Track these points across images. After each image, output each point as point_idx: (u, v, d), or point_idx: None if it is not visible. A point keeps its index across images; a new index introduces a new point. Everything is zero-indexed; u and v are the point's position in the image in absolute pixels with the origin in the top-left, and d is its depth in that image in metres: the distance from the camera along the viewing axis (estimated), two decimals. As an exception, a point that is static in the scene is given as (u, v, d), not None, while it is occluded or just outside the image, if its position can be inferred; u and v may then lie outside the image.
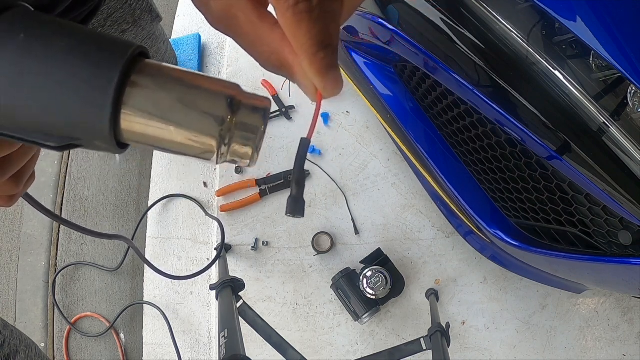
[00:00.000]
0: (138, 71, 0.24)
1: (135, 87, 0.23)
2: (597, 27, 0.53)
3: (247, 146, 0.25)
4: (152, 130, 0.24)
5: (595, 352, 1.07)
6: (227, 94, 0.25)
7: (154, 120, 0.24)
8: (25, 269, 1.37)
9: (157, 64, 0.25)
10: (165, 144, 0.25)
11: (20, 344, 0.73)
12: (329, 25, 0.25)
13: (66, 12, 0.43)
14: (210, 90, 0.25)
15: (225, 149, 0.25)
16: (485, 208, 0.85)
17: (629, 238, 0.59)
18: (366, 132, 1.21)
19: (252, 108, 0.25)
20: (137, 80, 0.24)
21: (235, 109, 0.24)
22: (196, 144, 0.25)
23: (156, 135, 0.24)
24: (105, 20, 0.79)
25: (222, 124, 0.24)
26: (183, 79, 0.24)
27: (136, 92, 0.23)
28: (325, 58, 0.25)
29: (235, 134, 0.25)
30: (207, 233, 1.24)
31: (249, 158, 0.26)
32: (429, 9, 0.68)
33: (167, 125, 0.24)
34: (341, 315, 1.13)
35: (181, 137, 0.24)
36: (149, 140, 0.25)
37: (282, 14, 0.24)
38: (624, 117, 0.55)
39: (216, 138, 0.24)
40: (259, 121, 0.25)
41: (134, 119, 0.24)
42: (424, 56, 0.70)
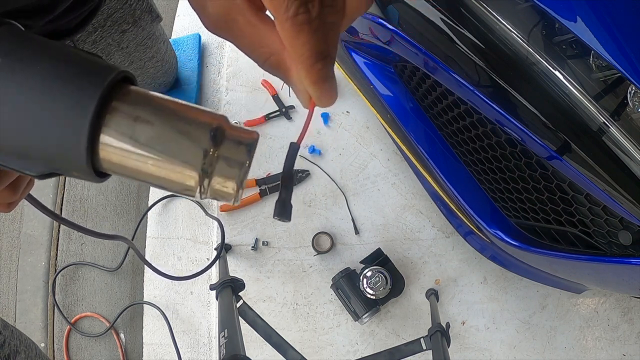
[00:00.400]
0: (119, 98, 0.23)
1: (115, 115, 0.22)
2: (597, 27, 0.53)
3: (230, 180, 0.24)
4: (132, 161, 0.23)
5: (595, 352, 1.07)
6: (211, 125, 0.23)
7: (134, 151, 0.23)
8: (25, 269, 1.37)
9: (141, 91, 0.24)
10: (146, 177, 0.24)
11: (20, 344, 0.73)
12: (327, 37, 0.25)
13: (66, 12, 0.43)
14: (195, 121, 0.23)
15: (207, 184, 0.24)
16: (485, 208, 0.85)
17: (629, 238, 0.59)
18: (366, 132, 1.21)
19: (237, 141, 0.24)
20: (117, 109, 0.22)
21: (219, 142, 0.23)
22: (177, 176, 0.23)
23: (136, 167, 0.23)
24: (105, 20, 0.79)
25: (205, 156, 0.23)
26: (166, 108, 0.23)
27: (115, 122, 0.22)
28: (323, 69, 0.25)
29: (217, 167, 0.23)
30: (207, 233, 1.24)
31: (232, 194, 0.24)
32: (429, 9, 0.68)
33: (147, 156, 0.23)
34: (341, 315, 1.13)
35: (161, 169, 0.23)
36: (128, 171, 0.23)
37: (281, 24, 0.24)
38: (624, 117, 0.55)
39: (197, 171, 0.23)
40: (244, 155, 0.24)
41: (112, 149, 0.23)
42: (424, 56, 0.70)
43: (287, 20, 0.23)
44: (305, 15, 0.23)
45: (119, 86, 0.23)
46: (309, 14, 0.23)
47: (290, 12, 0.23)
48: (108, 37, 0.82)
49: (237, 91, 1.29)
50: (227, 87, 1.30)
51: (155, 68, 1.07)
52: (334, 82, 0.26)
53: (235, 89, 1.29)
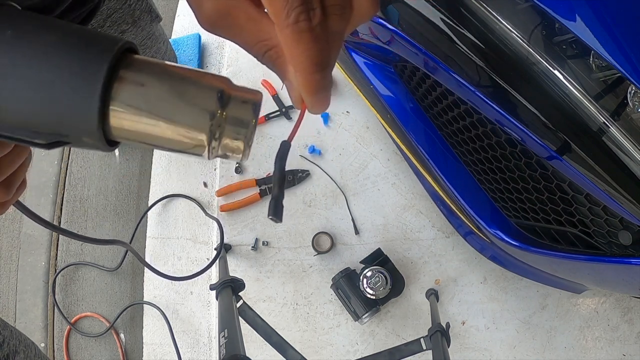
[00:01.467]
0: (126, 66, 0.23)
1: (123, 82, 0.23)
2: (597, 27, 0.53)
3: (238, 140, 0.25)
4: (141, 125, 0.24)
5: (595, 352, 1.07)
6: (216, 87, 0.24)
7: (143, 116, 0.23)
8: (25, 269, 1.37)
9: (146, 59, 0.24)
10: (155, 140, 0.24)
11: (19, 344, 0.73)
12: (329, 46, 0.24)
13: (65, 12, 0.43)
14: (200, 84, 0.24)
15: (216, 144, 0.24)
16: (485, 208, 0.85)
17: (629, 238, 0.59)
18: (366, 132, 1.21)
19: (243, 101, 0.25)
20: (125, 76, 0.23)
21: (225, 103, 0.24)
22: (186, 138, 0.24)
23: (145, 131, 0.24)
24: (105, 20, 0.79)
25: (212, 118, 0.24)
26: (172, 73, 0.24)
27: (124, 87, 0.23)
28: (321, 80, 0.24)
29: (226, 127, 0.24)
30: (207, 233, 1.24)
31: (241, 152, 0.25)
32: (429, 9, 0.68)
33: (156, 120, 0.23)
34: (341, 315, 1.13)
35: (171, 132, 0.24)
36: (139, 136, 0.24)
37: (281, 30, 0.23)
38: (624, 117, 0.55)
39: (206, 132, 0.24)
40: (250, 114, 0.25)
41: (122, 114, 0.23)
42: (424, 56, 0.70)
43: (287, 26, 0.23)
44: (306, 23, 0.22)
45: (125, 55, 0.24)
46: (309, 22, 0.23)
47: (291, 19, 0.22)
48: (108, 37, 0.82)
49: (237, 91, 1.29)
50: (227, 87, 1.30)
51: (155, 68, 1.06)
52: (330, 92, 0.26)
53: (235, 89, 1.29)
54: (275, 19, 0.23)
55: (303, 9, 0.22)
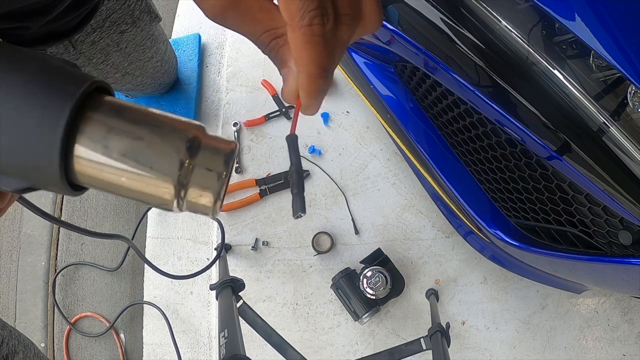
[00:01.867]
0: (93, 109, 0.22)
1: (89, 126, 0.22)
2: (597, 27, 0.53)
3: (206, 192, 0.23)
4: (107, 174, 0.22)
5: (595, 352, 1.07)
6: (187, 135, 0.23)
7: (108, 163, 0.22)
8: (25, 269, 1.37)
9: (115, 102, 0.23)
10: (122, 190, 0.23)
11: (18, 344, 0.73)
12: (334, 53, 0.24)
13: (65, 13, 0.43)
14: (170, 131, 0.23)
15: (183, 195, 0.23)
16: (485, 208, 0.85)
17: (629, 238, 0.59)
18: (366, 132, 1.21)
19: (214, 151, 0.23)
20: (91, 119, 0.22)
21: (195, 152, 0.23)
22: (153, 189, 0.23)
23: (111, 180, 0.23)
24: (104, 21, 0.79)
25: (180, 167, 0.22)
26: (141, 118, 0.23)
27: (89, 133, 0.22)
28: (323, 85, 0.25)
29: (193, 178, 0.23)
30: (207, 233, 1.24)
31: (210, 206, 0.24)
32: (429, 9, 0.68)
33: (122, 168, 0.22)
34: (341, 315, 1.13)
35: (137, 182, 0.23)
36: (104, 184, 0.23)
37: (293, 31, 0.23)
38: (624, 117, 0.55)
39: (174, 183, 0.22)
40: (221, 166, 0.23)
41: (86, 162, 0.22)
42: (424, 56, 0.70)
43: (300, 28, 0.23)
44: (319, 27, 0.23)
45: (93, 97, 0.23)
46: (323, 26, 0.23)
47: (305, 21, 0.23)
48: (107, 37, 0.82)
49: (237, 91, 1.29)
50: (227, 87, 1.30)
51: (155, 68, 1.07)
52: (324, 95, 0.26)
53: (235, 89, 1.29)
54: (289, 18, 0.23)
55: (318, 13, 0.23)
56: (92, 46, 0.80)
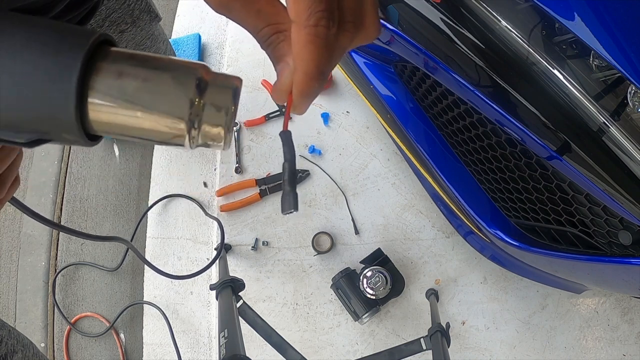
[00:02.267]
0: (102, 58, 0.23)
1: (100, 74, 0.23)
2: (597, 27, 0.53)
3: (217, 127, 0.24)
4: (120, 117, 0.23)
5: (595, 352, 1.07)
6: (194, 74, 0.24)
7: (121, 107, 0.23)
8: (25, 269, 1.37)
9: (122, 51, 0.24)
10: (135, 132, 0.24)
11: (17, 343, 0.73)
12: (333, 57, 0.25)
13: (64, 12, 0.43)
14: (177, 72, 0.24)
15: (195, 132, 0.24)
16: (485, 208, 0.85)
17: (629, 238, 0.59)
18: (366, 132, 1.21)
19: (221, 88, 0.24)
20: (101, 68, 0.23)
21: (203, 90, 0.24)
22: (166, 128, 0.24)
23: (125, 123, 0.24)
24: (104, 20, 0.79)
25: (191, 105, 0.23)
26: (148, 63, 0.24)
27: (101, 80, 0.23)
28: (317, 86, 0.26)
29: (205, 115, 0.24)
30: (207, 233, 1.24)
31: (222, 139, 0.25)
32: (429, 9, 0.68)
33: (134, 111, 0.23)
34: (341, 315, 1.13)
35: (150, 122, 0.24)
36: (118, 128, 0.24)
37: (298, 29, 0.24)
38: (624, 117, 0.55)
39: (185, 121, 0.24)
40: (229, 100, 0.24)
41: (100, 107, 0.23)
42: (424, 56, 0.70)
43: (305, 27, 0.24)
44: (324, 29, 0.24)
45: (101, 48, 0.24)
46: (327, 29, 0.24)
47: (311, 22, 0.23)
48: (107, 37, 0.82)
49: (237, 91, 1.29)
50: (227, 87, 1.30)
51: (155, 68, 1.06)
52: (314, 98, 0.27)
53: (235, 89, 1.29)
54: (296, 16, 0.24)
55: (324, 15, 0.23)
56: (92, 46, 0.79)
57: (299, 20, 0.24)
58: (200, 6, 1.42)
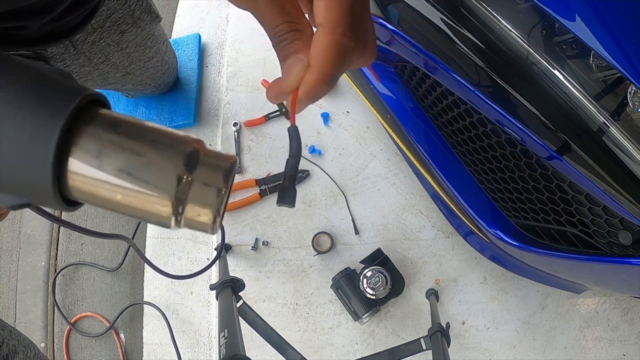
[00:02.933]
0: (88, 122, 0.21)
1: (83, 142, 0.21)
2: (597, 27, 0.53)
3: (205, 208, 0.22)
4: (102, 190, 0.21)
5: (595, 352, 1.07)
6: (184, 150, 0.22)
7: (103, 179, 0.21)
8: (25, 269, 1.37)
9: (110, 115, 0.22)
10: (118, 207, 0.22)
11: (18, 344, 0.73)
12: (343, 69, 0.27)
13: (65, 13, 0.43)
14: (167, 146, 0.22)
15: (181, 212, 0.22)
16: (485, 208, 0.85)
17: (629, 238, 0.59)
18: (366, 132, 1.21)
19: (213, 166, 0.22)
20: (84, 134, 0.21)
21: (193, 167, 0.22)
22: (150, 206, 0.22)
23: (106, 197, 0.22)
24: (105, 21, 0.79)
25: (178, 183, 0.21)
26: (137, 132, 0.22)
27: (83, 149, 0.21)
28: (324, 92, 0.28)
29: (192, 195, 0.22)
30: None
31: (210, 223, 0.23)
32: (429, 9, 0.68)
33: (117, 184, 0.21)
34: (341, 315, 1.13)
35: (133, 198, 0.22)
36: (99, 201, 0.22)
37: (324, 35, 0.26)
38: (624, 117, 0.55)
39: (171, 200, 0.21)
40: (220, 181, 0.22)
41: (81, 177, 0.21)
42: (424, 56, 0.70)
43: (332, 34, 0.25)
44: (348, 40, 0.26)
45: (88, 109, 0.22)
46: (350, 42, 0.26)
47: (339, 30, 0.25)
48: (107, 37, 0.82)
49: (237, 91, 1.29)
50: (227, 87, 1.30)
51: (155, 68, 1.07)
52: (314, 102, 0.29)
53: (235, 89, 1.29)
54: (326, 22, 0.26)
55: (351, 29, 0.26)
56: (93, 46, 0.80)
57: (328, 26, 0.26)
58: (200, 6, 1.42)
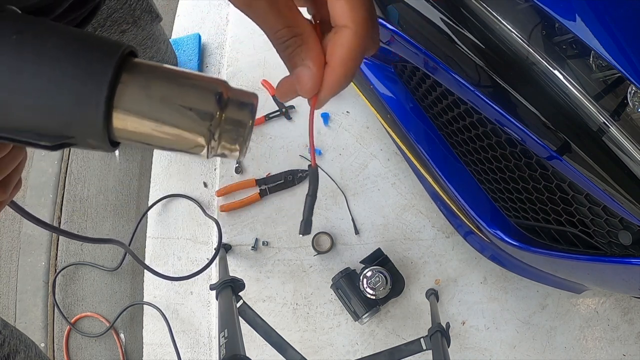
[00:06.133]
0: (128, 70, 0.24)
1: (127, 86, 0.24)
2: (597, 27, 0.53)
3: (236, 141, 0.26)
4: (144, 127, 0.24)
5: (595, 352, 1.07)
6: (215, 90, 0.25)
7: (145, 118, 0.24)
8: (25, 269, 1.37)
9: (146, 63, 0.25)
10: (156, 141, 0.25)
11: (20, 343, 0.73)
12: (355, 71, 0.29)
13: (66, 13, 0.43)
14: (199, 87, 0.25)
15: (215, 144, 0.25)
16: (485, 208, 0.85)
17: (629, 238, 0.59)
18: (366, 132, 1.21)
19: (240, 103, 0.26)
20: (127, 80, 0.24)
21: (224, 105, 0.25)
22: (186, 139, 0.25)
23: (147, 132, 0.25)
24: (105, 20, 0.79)
25: (211, 119, 0.25)
26: (172, 76, 0.25)
27: (128, 91, 0.24)
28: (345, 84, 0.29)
29: (224, 129, 0.25)
30: (207, 233, 1.24)
31: (238, 152, 0.27)
32: (429, 9, 0.68)
33: (157, 122, 0.24)
34: (341, 315, 1.13)
35: (172, 133, 0.25)
36: (141, 137, 0.25)
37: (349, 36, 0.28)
38: (624, 117, 0.55)
39: (205, 134, 0.25)
40: (247, 116, 0.26)
41: (126, 117, 0.24)
42: (424, 56, 0.70)
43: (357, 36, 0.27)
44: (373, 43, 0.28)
45: (126, 59, 0.25)
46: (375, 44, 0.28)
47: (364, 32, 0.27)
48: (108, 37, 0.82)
49: (237, 91, 1.29)
50: (227, 87, 1.30)
51: (155, 68, 1.07)
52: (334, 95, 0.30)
53: (235, 89, 1.29)
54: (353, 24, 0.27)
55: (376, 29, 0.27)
56: (93, 46, 0.79)
57: (354, 29, 0.27)
58: (200, 6, 1.42)
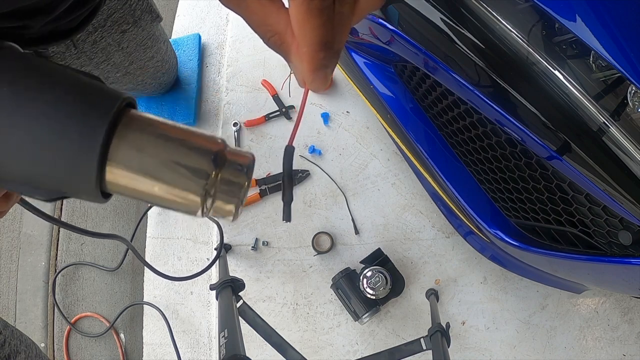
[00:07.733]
0: (124, 125, 0.24)
1: (121, 142, 0.23)
2: (597, 27, 0.53)
3: (230, 202, 0.25)
4: (137, 184, 0.24)
5: (595, 352, 1.07)
6: (212, 150, 0.25)
7: (139, 176, 0.24)
8: (25, 269, 1.37)
9: (143, 117, 0.25)
10: (149, 198, 0.25)
11: (20, 344, 0.73)
12: (336, 28, 0.25)
13: (67, 12, 0.43)
14: (196, 146, 0.24)
15: (209, 205, 0.25)
16: (485, 208, 0.85)
17: (629, 238, 0.59)
18: (366, 132, 1.21)
19: (236, 164, 0.25)
20: (122, 135, 0.23)
21: (220, 166, 0.24)
22: (180, 199, 0.24)
23: (141, 190, 0.24)
24: (105, 20, 0.79)
25: (207, 179, 0.24)
26: (169, 133, 0.24)
27: (122, 148, 0.23)
28: (324, 59, 0.26)
29: (219, 189, 0.25)
30: (207, 233, 1.24)
31: (232, 214, 0.26)
32: (429, 9, 0.68)
33: (151, 181, 0.24)
34: (341, 315, 1.13)
35: (165, 192, 0.24)
36: (134, 193, 0.25)
37: (296, 6, 0.24)
38: (624, 117, 0.55)
39: (200, 194, 0.24)
40: (243, 177, 0.25)
41: (119, 173, 0.24)
42: (424, 56, 0.70)
43: (302, 3, 0.24)
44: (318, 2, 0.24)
45: (123, 112, 0.24)
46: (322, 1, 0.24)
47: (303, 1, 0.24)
48: (108, 37, 0.82)
49: (237, 91, 1.29)
50: (227, 87, 1.30)
51: (155, 68, 1.07)
52: (331, 72, 0.27)
53: (235, 89, 1.29)
54: None
55: None
56: (94, 45, 0.80)
57: None
58: (200, 6, 1.42)
